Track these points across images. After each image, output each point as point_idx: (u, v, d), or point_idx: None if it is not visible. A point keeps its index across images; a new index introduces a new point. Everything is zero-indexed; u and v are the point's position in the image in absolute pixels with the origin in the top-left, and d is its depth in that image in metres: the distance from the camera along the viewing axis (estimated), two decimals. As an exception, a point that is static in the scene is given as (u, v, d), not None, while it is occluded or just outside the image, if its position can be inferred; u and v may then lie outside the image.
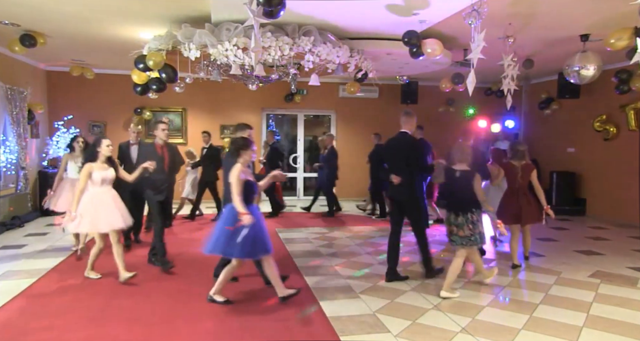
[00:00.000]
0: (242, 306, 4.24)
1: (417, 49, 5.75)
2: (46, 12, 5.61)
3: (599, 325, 3.91)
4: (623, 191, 8.71)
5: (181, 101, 10.35)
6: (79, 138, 6.06)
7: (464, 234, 4.51)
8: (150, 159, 5.01)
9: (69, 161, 5.98)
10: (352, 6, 5.00)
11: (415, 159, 5.01)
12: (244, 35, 5.15)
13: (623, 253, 6.43)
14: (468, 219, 4.50)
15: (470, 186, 4.51)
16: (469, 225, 4.49)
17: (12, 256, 5.93)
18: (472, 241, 4.53)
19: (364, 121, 11.50)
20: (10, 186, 7.91)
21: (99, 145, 4.82)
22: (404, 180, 4.90)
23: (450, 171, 4.65)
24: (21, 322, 3.85)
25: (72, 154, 5.99)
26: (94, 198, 4.75)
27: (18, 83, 8.17)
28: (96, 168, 4.77)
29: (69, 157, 6.00)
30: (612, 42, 5.25)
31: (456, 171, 4.60)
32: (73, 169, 5.88)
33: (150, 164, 4.91)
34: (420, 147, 5.28)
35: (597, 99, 9.17)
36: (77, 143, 5.99)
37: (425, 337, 3.66)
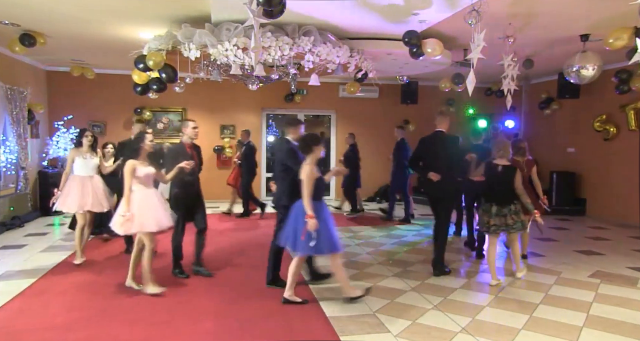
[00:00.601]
0: (242, 306, 4.24)
1: (417, 49, 5.76)
2: (46, 12, 5.61)
3: (599, 325, 3.91)
4: (623, 191, 8.72)
5: (181, 101, 10.35)
6: (88, 132, 5.63)
7: (508, 223, 4.86)
8: (182, 159, 4.77)
9: (76, 158, 5.52)
10: (352, 6, 5.00)
11: (455, 156, 5.33)
12: (244, 35, 5.15)
13: (623, 253, 6.43)
14: (511, 209, 4.86)
15: (511, 180, 4.84)
16: (512, 215, 4.86)
17: (12, 256, 5.92)
18: (514, 229, 4.90)
19: (364, 121, 11.51)
20: (10, 186, 7.91)
21: (142, 140, 4.53)
22: (442, 177, 5.16)
23: (492, 166, 4.97)
24: (21, 322, 3.85)
25: (79, 150, 5.55)
26: (140, 196, 4.45)
27: (18, 83, 8.17)
28: (139, 165, 4.47)
29: (76, 153, 5.54)
30: (610, 41, 5.25)
31: (498, 166, 4.94)
32: (81, 166, 5.51)
33: (187, 164, 4.70)
34: (458, 145, 5.54)
35: (597, 99, 9.17)
36: (85, 138, 5.55)
37: (425, 337, 3.66)
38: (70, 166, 5.51)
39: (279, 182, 4.80)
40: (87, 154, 5.55)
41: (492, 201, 4.93)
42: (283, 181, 4.70)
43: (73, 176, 5.50)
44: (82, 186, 5.46)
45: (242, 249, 6.43)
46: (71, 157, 5.53)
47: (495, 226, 4.89)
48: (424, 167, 5.36)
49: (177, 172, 4.75)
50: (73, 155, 5.53)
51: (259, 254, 6.14)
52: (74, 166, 5.51)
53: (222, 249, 6.37)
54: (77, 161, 5.51)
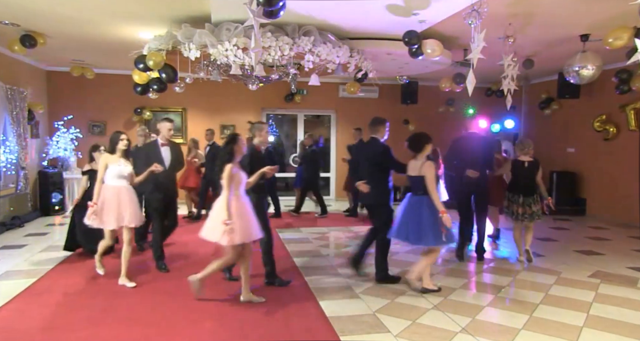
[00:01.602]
0: (242, 306, 4.24)
1: (416, 49, 5.76)
2: (46, 12, 5.61)
3: (599, 325, 3.91)
4: (623, 191, 8.71)
5: (181, 101, 10.35)
6: (123, 135, 4.84)
7: (532, 211, 5.66)
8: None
9: (109, 165, 4.74)
10: (352, 6, 5.00)
11: (488, 155, 5.89)
12: (244, 35, 5.15)
13: (623, 253, 6.43)
14: (535, 199, 5.69)
15: (534, 174, 5.71)
16: (534, 204, 5.67)
17: (12, 256, 5.92)
18: (537, 215, 5.70)
19: (364, 121, 11.42)
20: (10, 186, 7.91)
21: (236, 142, 4.23)
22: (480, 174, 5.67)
23: (518, 162, 5.77)
24: (21, 322, 3.85)
25: (112, 156, 4.79)
26: (240, 204, 4.17)
27: (18, 83, 8.18)
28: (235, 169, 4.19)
29: (109, 159, 4.77)
30: (610, 41, 5.24)
31: (524, 162, 5.74)
32: (114, 175, 4.74)
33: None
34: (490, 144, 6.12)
35: (597, 99, 9.17)
36: (121, 142, 4.78)
37: (425, 337, 3.66)
38: (103, 174, 4.74)
39: (373, 182, 4.92)
40: (122, 160, 4.81)
41: (520, 193, 5.69)
42: (380, 181, 4.94)
43: (106, 186, 4.74)
44: (118, 198, 4.72)
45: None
46: (103, 164, 4.75)
47: (522, 215, 5.65)
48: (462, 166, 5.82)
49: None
50: (105, 162, 4.75)
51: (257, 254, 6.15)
52: (106, 175, 4.75)
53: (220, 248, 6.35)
54: (111, 168, 4.74)
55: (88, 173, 5.54)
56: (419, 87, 11.15)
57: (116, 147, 4.78)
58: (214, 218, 4.12)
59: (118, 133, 4.89)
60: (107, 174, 4.72)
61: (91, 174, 5.40)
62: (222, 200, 4.08)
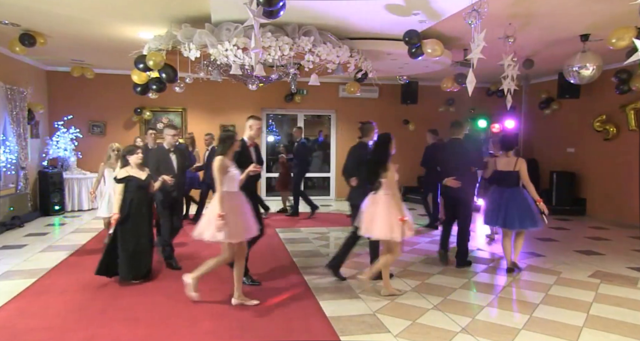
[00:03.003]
0: (242, 306, 4.24)
1: (416, 49, 5.75)
2: (46, 12, 5.61)
3: (599, 325, 3.91)
4: (623, 191, 8.71)
5: (181, 101, 10.35)
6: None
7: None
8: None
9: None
10: (352, 6, 5.00)
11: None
12: (244, 35, 5.15)
13: (623, 253, 6.43)
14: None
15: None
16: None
17: (12, 256, 5.92)
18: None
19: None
20: (10, 186, 7.92)
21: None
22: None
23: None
24: (21, 322, 3.85)
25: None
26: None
27: (18, 83, 8.18)
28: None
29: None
30: (613, 41, 5.21)
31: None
32: (232, 180, 4.25)
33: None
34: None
35: (597, 99, 9.17)
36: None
37: (425, 337, 3.66)
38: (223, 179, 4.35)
39: (465, 177, 5.49)
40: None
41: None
42: (471, 176, 5.62)
43: (227, 194, 4.27)
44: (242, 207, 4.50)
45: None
46: (221, 166, 4.29)
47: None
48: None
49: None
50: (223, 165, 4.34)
51: (257, 255, 6.15)
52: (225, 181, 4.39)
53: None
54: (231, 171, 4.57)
55: (124, 181, 4.79)
56: (419, 87, 11.16)
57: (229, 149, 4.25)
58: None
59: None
60: (226, 180, 4.14)
61: (127, 182, 4.78)
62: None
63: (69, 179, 9.26)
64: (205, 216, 4.13)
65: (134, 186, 4.77)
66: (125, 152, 4.93)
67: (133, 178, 4.79)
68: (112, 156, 6.19)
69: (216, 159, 4.09)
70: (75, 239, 6.85)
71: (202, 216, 4.21)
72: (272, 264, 5.63)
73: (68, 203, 9.23)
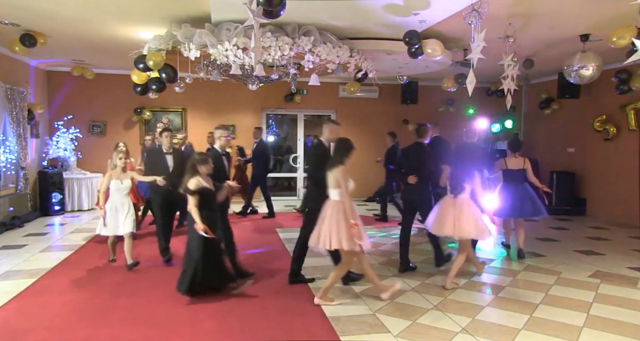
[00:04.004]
0: (242, 306, 4.24)
1: (416, 49, 5.75)
2: (46, 12, 5.61)
3: (599, 325, 3.91)
4: (623, 191, 8.71)
5: (181, 101, 10.34)
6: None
7: None
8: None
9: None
10: (352, 6, 5.00)
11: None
12: (244, 35, 5.15)
13: (623, 253, 6.43)
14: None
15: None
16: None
17: (12, 256, 5.92)
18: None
19: (364, 121, 11.50)
20: (10, 186, 7.91)
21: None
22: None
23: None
24: (21, 322, 3.85)
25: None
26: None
27: (18, 83, 8.17)
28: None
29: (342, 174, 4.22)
30: (614, 40, 5.20)
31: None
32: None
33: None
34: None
35: (597, 99, 9.17)
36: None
37: (425, 337, 3.66)
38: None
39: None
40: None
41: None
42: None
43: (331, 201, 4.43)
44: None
45: (241, 248, 6.42)
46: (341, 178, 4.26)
47: None
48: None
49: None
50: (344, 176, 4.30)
51: (256, 254, 6.15)
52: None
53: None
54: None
55: (200, 193, 4.36)
56: (419, 87, 11.16)
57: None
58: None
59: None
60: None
61: (202, 194, 4.37)
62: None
63: (69, 179, 9.25)
64: (325, 225, 4.09)
65: (209, 197, 4.45)
66: (197, 161, 4.41)
67: (205, 189, 4.41)
68: (118, 166, 5.29)
69: (339, 169, 4.12)
70: (75, 239, 6.85)
71: (322, 226, 4.11)
72: (272, 264, 5.63)
73: (68, 203, 9.22)
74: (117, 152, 5.37)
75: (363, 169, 9.72)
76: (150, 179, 5.37)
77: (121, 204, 5.28)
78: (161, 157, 5.65)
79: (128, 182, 5.37)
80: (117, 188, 5.26)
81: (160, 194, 5.56)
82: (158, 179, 5.26)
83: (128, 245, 5.30)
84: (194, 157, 4.47)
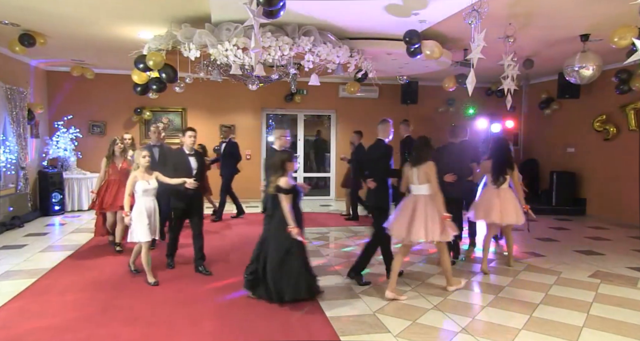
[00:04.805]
0: (242, 306, 4.24)
1: (415, 49, 5.75)
2: (46, 12, 5.61)
3: (599, 325, 3.91)
4: (623, 191, 8.71)
5: (181, 101, 10.35)
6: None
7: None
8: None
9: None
10: (352, 6, 5.00)
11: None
12: (244, 35, 5.15)
13: (623, 253, 6.43)
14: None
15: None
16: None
17: (12, 256, 5.92)
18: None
19: (364, 121, 11.47)
20: (10, 186, 7.91)
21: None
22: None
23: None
24: (21, 322, 3.85)
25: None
26: None
27: (18, 83, 8.17)
28: None
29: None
30: (616, 40, 5.19)
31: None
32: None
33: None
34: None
35: (597, 99, 9.17)
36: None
37: (425, 337, 3.66)
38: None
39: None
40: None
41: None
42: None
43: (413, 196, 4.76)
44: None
45: (242, 248, 6.43)
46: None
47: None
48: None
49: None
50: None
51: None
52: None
53: (219, 248, 6.36)
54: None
55: (292, 191, 4.28)
56: (419, 87, 11.16)
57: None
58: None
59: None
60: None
61: (294, 192, 4.32)
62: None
63: (69, 179, 9.26)
64: (418, 219, 4.37)
65: (296, 197, 4.35)
66: (287, 158, 4.28)
67: (295, 187, 4.33)
68: (142, 165, 4.83)
69: (430, 165, 4.47)
70: (75, 239, 6.85)
71: (418, 219, 4.38)
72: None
73: (68, 203, 9.23)
74: (140, 150, 5.03)
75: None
76: (177, 182, 4.93)
77: (151, 206, 4.84)
78: (184, 159, 5.21)
79: (154, 182, 4.88)
80: (144, 189, 4.78)
81: (182, 201, 5.17)
82: (188, 181, 4.91)
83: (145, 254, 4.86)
84: (282, 156, 4.30)
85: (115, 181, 6.09)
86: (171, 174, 5.03)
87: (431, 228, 4.35)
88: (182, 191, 5.05)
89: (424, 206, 4.43)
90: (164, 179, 4.92)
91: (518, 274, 5.39)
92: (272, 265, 4.21)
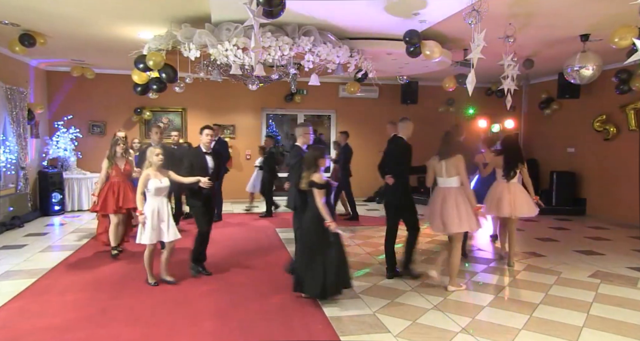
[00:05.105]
0: (242, 306, 4.24)
1: (414, 49, 5.75)
2: (46, 12, 5.60)
3: (599, 325, 3.91)
4: (623, 191, 8.71)
5: (181, 101, 10.34)
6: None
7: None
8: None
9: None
10: (352, 6, 5.00)
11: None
12: (244, 35, 5.15)
13: (623, 253, 6.43)
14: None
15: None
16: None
17: (12, 256, 5.92)
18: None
19: (364, 121, 11.50)
20: (10, 186, 7.91)
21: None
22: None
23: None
24: (21, 322, 3.85)
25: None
26: None
27: (18, 83, 8.17)
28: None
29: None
30: (616, 40, 5.18)
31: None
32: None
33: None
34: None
35: (597, 99, 9.17)
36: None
37: (425, 337, 3.66)
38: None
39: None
40: None
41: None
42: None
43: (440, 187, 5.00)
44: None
45: (241, 248, 6.43)
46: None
47: None
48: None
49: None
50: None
51: (256, 254, 6.15)
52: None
53: (221, 248, 6.36)
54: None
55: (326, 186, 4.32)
56: (419, 87, 11.16)
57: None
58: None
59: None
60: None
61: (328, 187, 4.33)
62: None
63: (69, 179, 9.26)
64: (450, 211, 4.53)
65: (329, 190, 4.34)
66: (319, 155, 4.31)
67: (328, 182, 4.34)
68: (154, 164, 4.72)
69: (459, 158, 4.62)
70: (75, 239, 6.85)
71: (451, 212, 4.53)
72: (272, 264, 5.63)
73: (68, 203, 9.23)
74: (153, 148, 4.83)
75: (363, 169, 9.73)
76: (191, 181, 4.82)
77: (163, 206, 4.72)
78: (201, 158, 5.08)
79: (167, 181, 4.74)
80: (157, 187, 4.64)
81: (200, 200, 5.07)
82: (203, 180, 4.79)
83: (166, 257, 4.83)
84: (315, 153, 4.33)
85: (118, 183, 5.87)
86: (186, 173, 4.90)
87: (466, 218, 4.52)
88: (196, 191, 4.96)
89: (455, 198, 4.58)
90: (177, 178, 4.81)
91: (518, 274, 5.39)
92: (324, 260, 4.16)
